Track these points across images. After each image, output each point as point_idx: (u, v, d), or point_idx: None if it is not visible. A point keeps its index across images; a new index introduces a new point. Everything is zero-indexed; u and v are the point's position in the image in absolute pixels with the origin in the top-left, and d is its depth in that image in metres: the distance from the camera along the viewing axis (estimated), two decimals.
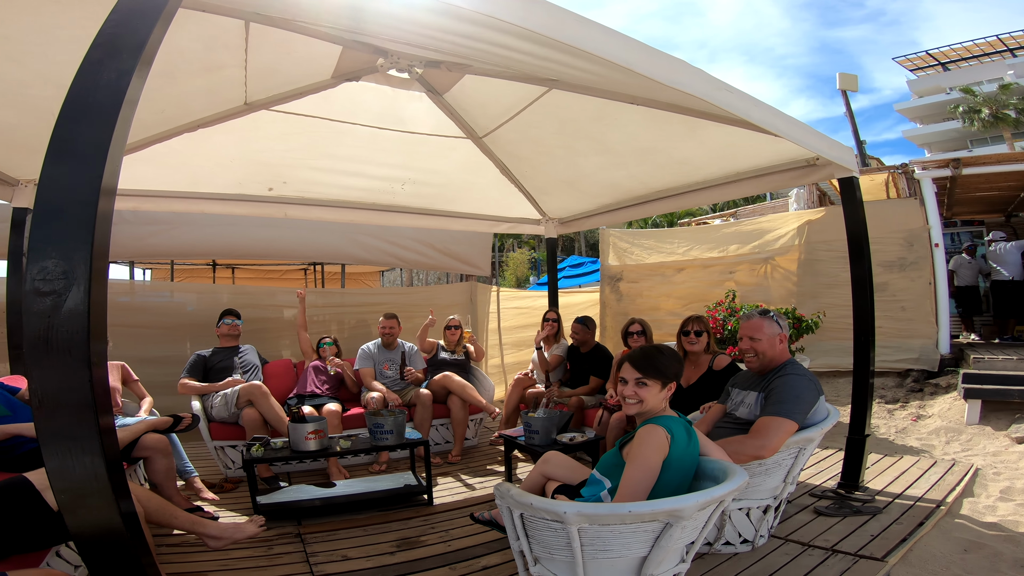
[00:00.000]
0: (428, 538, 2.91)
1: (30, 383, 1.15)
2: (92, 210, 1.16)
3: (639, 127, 3.51)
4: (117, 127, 1.19)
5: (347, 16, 2.35)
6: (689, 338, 3.43)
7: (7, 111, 2.80)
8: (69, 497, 1.18)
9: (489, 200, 5.19)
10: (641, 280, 7.10)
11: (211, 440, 3.77)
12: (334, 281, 10.14)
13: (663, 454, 1.87)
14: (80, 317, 1.13)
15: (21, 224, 3.68)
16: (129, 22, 1.25)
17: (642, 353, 2.06)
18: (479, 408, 4.38)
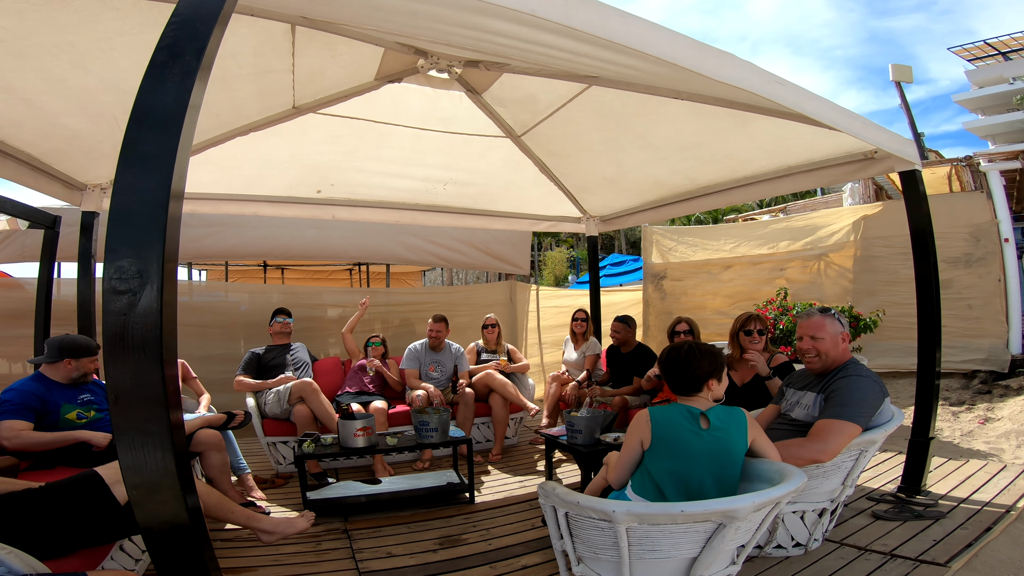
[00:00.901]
0: (469, 536, 2.93)
1: (107, 379, 1.19)
2: (163, 212, 1.19)
3: (684, 122, 3.43)
4: (183, 131, 1.22)
5: (388, 17, 2.38)
6: (752, 338, 3.34)
7: (75, 117, 2.91)
8: (141, 492, 1.21)
9: (529, 199, 5.18)
10: (686, 278, 6.94)
11: (264, 436, 3.88)
12: (378, 281, 10.36)
13: (639, 434, 1.97)
14: (153, 315, 1.16)
15: (89, 227, 3.89)
16: (189, 25, 1.28)
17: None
18: (519, 407, 4.38)
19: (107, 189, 3.84)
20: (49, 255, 3.99)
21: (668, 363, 2.07)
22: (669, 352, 2.09)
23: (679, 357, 2.04)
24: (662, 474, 1.91)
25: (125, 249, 1.17)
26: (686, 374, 2.01)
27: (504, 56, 2.81)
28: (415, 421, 3.43)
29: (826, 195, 12.08)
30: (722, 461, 1.92)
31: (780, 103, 2.41)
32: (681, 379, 2.03)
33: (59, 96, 2.69)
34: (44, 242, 3.98)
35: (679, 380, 2.04)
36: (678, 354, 2.05)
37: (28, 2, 2.00)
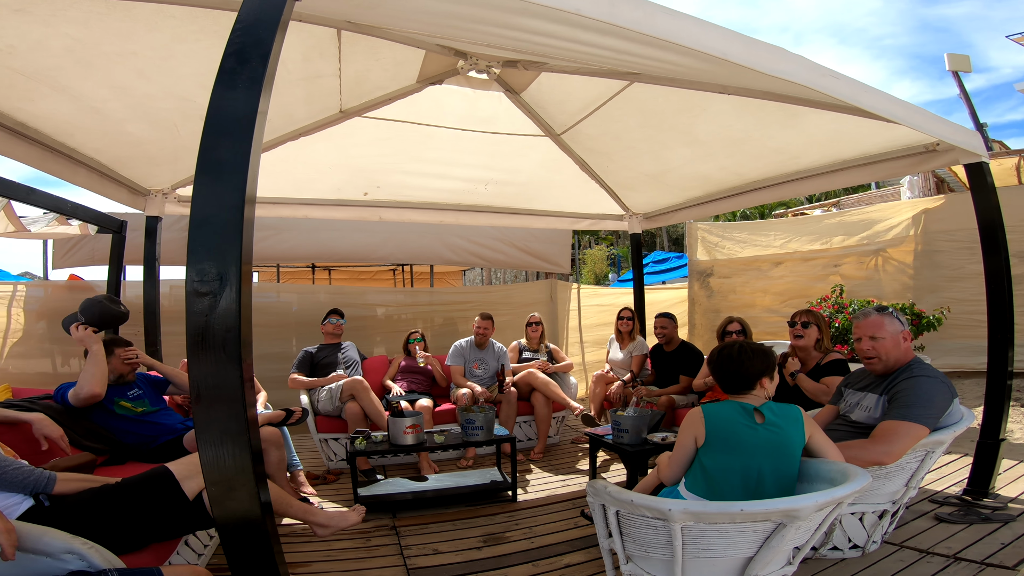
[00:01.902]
0: (512, 534, 2.95)
1: (190, 378, 1.23)
2: (240, 216, 1.23)
3: (730, 116, 3.34)
4: (255, 137, 1.26)
5: (430, 19, 2.40)
6: (795, 330, 3.25)
7: (138, 124, 3.04)
8: (220, 489, 1.25)
9: (570, 197, 5.15)
10: (734, 275, 6.75)
11: (317, 433, 3.99)
12: (421, 280, 10.54)
13: (692, 431, 1.96)
14: (232, 316, 1.21)
15: (153, 232, 4.11)
16: (253, 31, 1.32)
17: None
18: (562, 406, 4.37)
19: (168, 194, 4.04)
20: (117, 258, 4.24)
21: (719, 362, 2.05)
22: (720, 351, 2.07)
23: (730, 356, 2.02)
24: (718, 469, 1.90)
25: (205, 252, 1.22)
26: (738, 373, 1.99)
27: (543, 55, 2.81)
28: (461, 419, 3.47)
29: (881, 188, 11.55)
30: (779, 454, 1.90)
31: (835, 96, 2.33)
32: (733, 378, 2.01)
33: (123, 103, 2.80)
34: (112, 246, 4.23)
35: (730, 379, 2.02)
36: (729, 353, 2.03)
37: (93, 11, 2.08)
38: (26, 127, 2.77)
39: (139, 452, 2.80)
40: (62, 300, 5.17)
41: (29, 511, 1.79)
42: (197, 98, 2.82)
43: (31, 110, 2.68)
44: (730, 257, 6.81)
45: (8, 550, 1.39)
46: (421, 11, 2.14)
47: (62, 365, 5.13)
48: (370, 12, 2.30)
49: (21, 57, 2.25)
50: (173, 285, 5.13)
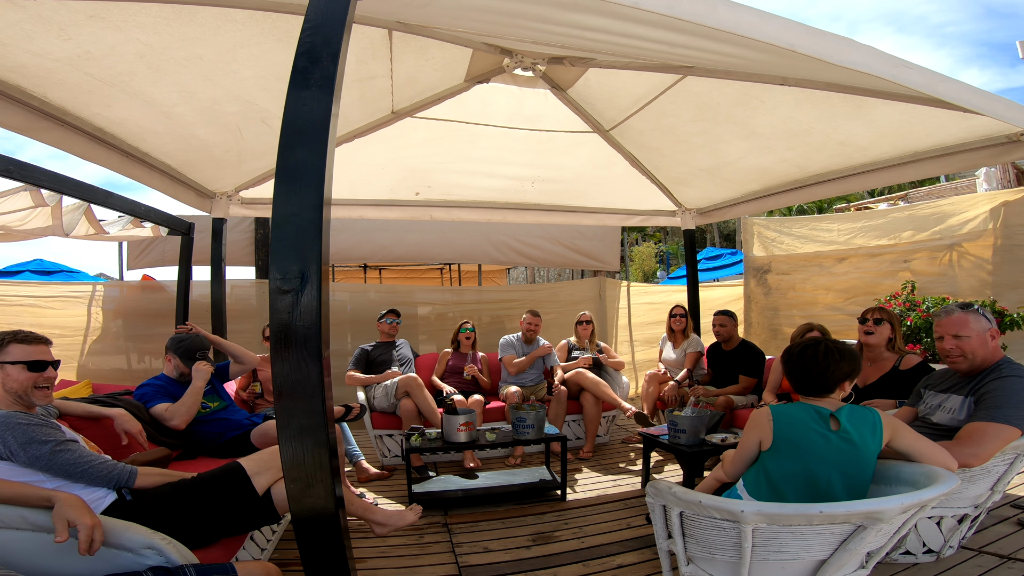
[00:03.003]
0: (562, 533, 2.93)
1: (273, 375, 1.25)
2: (319, 215, 1.26)
3: (791, 108, 3.20)
4: (330, 137, 1.29)
5: (480, 17, 2.40)
6: (867, 326, 3.08)
7: (205, 128, 3.15)
8: (299, 485, 1.28)
9: (619, 193, 5.06)
10: (793, 272, 6.46)
11: (372, 429, 4.07)
12: (468, 279, 10.64)
13: (758, 433, 1.89)
14: (313, 313, 1.23)
15: (219, 233, 4.31)
16: (322, 31, 1.34)
17: None
18: (612, 405, 4.30)
19: (232, 196, 4.23)
20: (186, 259, 4.47)
21: (799, 362, 1.92)
22: (803, 351, 1.94)
23: (815, 358, 1.89)
24: (784, 475, 1.81)
25: (288, 252, 1.24)
26: (821, 376, 1.87)
27: (591, 51, 2.76)
28: (512, 417, 3.47)
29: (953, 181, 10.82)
30: (852, 463, 1.79)
31: (910, 87, 2.18)
32: (813, 380, 1.89)
33: (191, 108, 2.89)
34: (181, 247, 4.46)
35: (810, 381, 1.90)
36: (814, 354, 1.89)
37: (162, 16, 2.12)
38: (104, 132, 2.90)
39: (209, 447, 2.93)
40: (136, 299, 5.52)
41: (112, 505, 1.84)
42: (259, 101, 2.91)
43: (108, 115, 2.79)
44: (789, 253, 6.53)
45: (95, 545, 1.44)
46: (470, 8, 2.13)
47: (137, 362, 5.48)
48: (420, 11, 2.31)
49: (97, 63, 2.34)
50: (234, 285, 5.37)
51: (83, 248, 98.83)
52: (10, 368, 1.82)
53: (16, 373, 1.82)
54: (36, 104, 2.49)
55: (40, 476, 1.74)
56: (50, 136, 2.62)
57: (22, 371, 1.83)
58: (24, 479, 1.70)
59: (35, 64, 2.24)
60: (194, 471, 2.13)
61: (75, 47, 2.18)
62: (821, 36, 1.98)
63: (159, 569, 1.49)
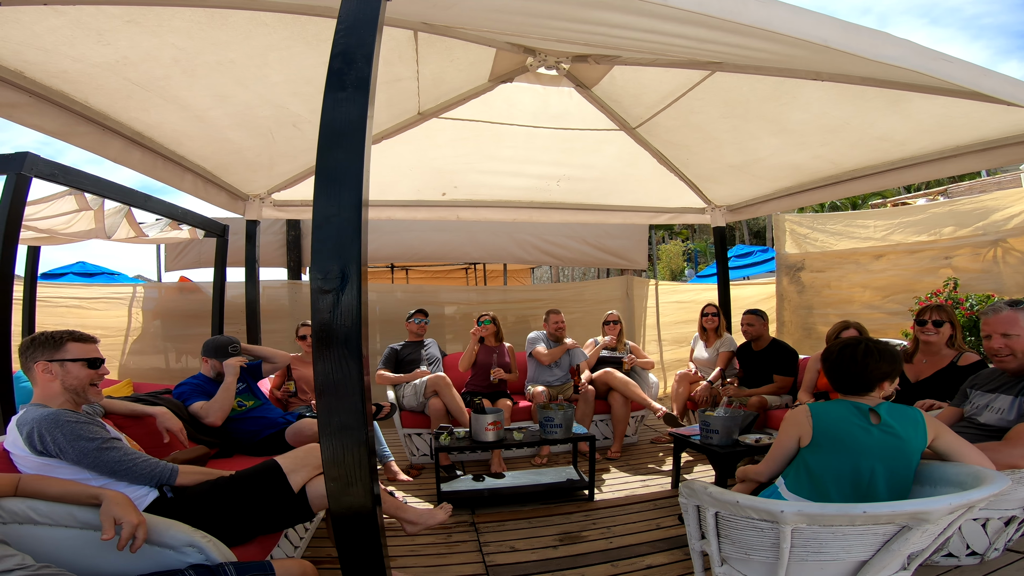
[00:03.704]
0: (589, 533, 2.92)
1: (315, 374, 1.27)
2: (358, 215, 1.27)
3: (825, 104, 3.13)
4: (367, 137, 1.30)
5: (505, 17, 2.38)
6: (925, 328, 3.00)
7: (238, 131, 3.19)
8: (339, 484, 1.29)
9: (647, 191, 5.00)
10: (828, 269, 6.29)
11: (402, 428, 4.11)
12: (493, 279, 10.67)
13: (797, 430, 1.88)
14: (353, 313, 1.25)
15: (253, 235, 4.41)
16: (355, 31, 1.35)
17: None
18: (641, 405, 4.26)
19: (265, 199, 4.32)
20: (221, 261, 4.59)
21: (839, 360, 1.91)
22: (842, 349, 1.93)
23: (854, 357, 1.87)
24: (826, 470, 1.79)
25: (329, 252, 1.26)
26: (860, 375, 1.86)
27: (616, 48, 2.73)
28: (540, 416, 3.46)
29: (996, 175, 10.38)
30: (895, 456, 1.76)
31: (951, 81, 2.11)
32: (852, 378, 1.88)
33: (224, 111, 2.93)
34: (217, 249, 4.58)
35: (850, 379, 1.89)
36: (853, 353, 1.88)
37: (195, 21, 2.14)
38: (141, 136, 2.98)
39: (245, 445, 3.00)
40: (174, 300, 5.69)
41: (154, 503, 1.87)
42: (289, 105, 2.96)
43: (145, 119, 2.86)
44: (823, 250, 6.36)
45: (137, 543, 1.48)
46: (494, 8, 2.13)
47: (175, 361, 5.65)
48: (445, 12, 2.31)
49: (135, 68, 2.39)
50: (266, 286, 5.49)
51: (122, 251, 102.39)
52: (70, 366, 1.86)
53: (76, 370, 1.87)
54: (78, 109, 2.56)
55: (86, 474, 1.79)
56: (89, 140, 2.69)
57: (82, 368, 1.88)
58: (71, 476, 1.75)
59: (76, 69, 2.30)
60: (231, 469, 2.16)
61: (114, 52, 2.23)
62: (856, 31, 1.93)
63: (200, 567, 1.51)
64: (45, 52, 2.15)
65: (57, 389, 1.85)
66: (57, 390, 1.85)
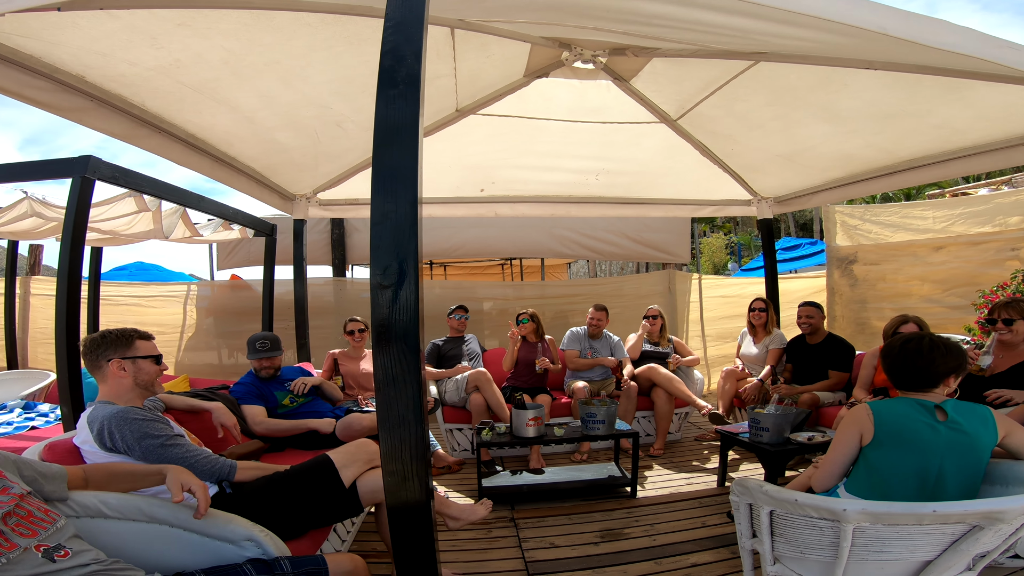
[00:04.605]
0: (632, 531, 2.89)
1: (375, 368, 1.29)
2: (415, 212, 1.29)
3: (878, 92, 2.99)
4: (419, 137, 1.31)
5: (541, 12, 2.36)
6: (996, 327, 2.88)
7: (284, 132, 3.26)
8: (396, 479, 1.30)
9: (690, 183, 4.89)
10: (883, 262, 6.00)
11: (444, 423, 4.15)
12: (530, 274, 10.65)
13: (857, 428, 1.80)
14: (412, 308, 1.27)
15: (300, 234, 4.53)
16: (404, 29, 1.36)
17: None
18: (685, 402, 4.17)
19: (311, 199, 4.43)
20: (270, 259, 4.75)
21: (902, 356, 1.83)
22: (905, 343, 1.85)
23: (919, 351, 1.80)
24: (889, 470, 1.72)
25: (386, 249, 1.28)
26: (926, 370, 1.78)
27: (655, 39, 2.67)
28: (581, 412, 3.43)
29: None
30: (964, 454, 1.68)
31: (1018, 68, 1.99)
32: (916, 374, 1.80)
33: (272, 112, 2.99)
34: (266, 248, 4.74)
35: (913, 375, 1.81)
36: (918, 347, 1.81)
37: (242, 23, 2.16)
38: (195, 138, 3.07)
39: (295, 439, 3.08)
40: (226, 298, 5.93)
41: (213, 498, 1.88)
42: (333, 104, 3.01)
43: (198, 121, 2.94)
44: (877, 242, 6.07)
45: (203, 506, 1.54)
46: (529, 2, 2.11)
47: (227, 357, 5.88)
48: (480, 7, 2.30)
49: (187, 70, 2.45)
50: (312, 283, 5.64)
51: (175, 250, 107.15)
52: (141, 363, 1.95)
53: (147, 367, 1.96)
54: (136, 112, 2.65)
55: None
56: (150, 143, 2.79)
57: (152, 365, 1.97)
58: None
59: (133, 73, 2.37)
60: (283, 463, 2.20)
61: (167, 55, 2.30)
62: (915, 19, 1.84)
63: (256, 561, 1.54)
64: (103, 56, 2.21)
65: (128, 385, 1.93)
66: (128, 386, 1.93)
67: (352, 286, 6.09)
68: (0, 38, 1.96)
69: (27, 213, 3.99)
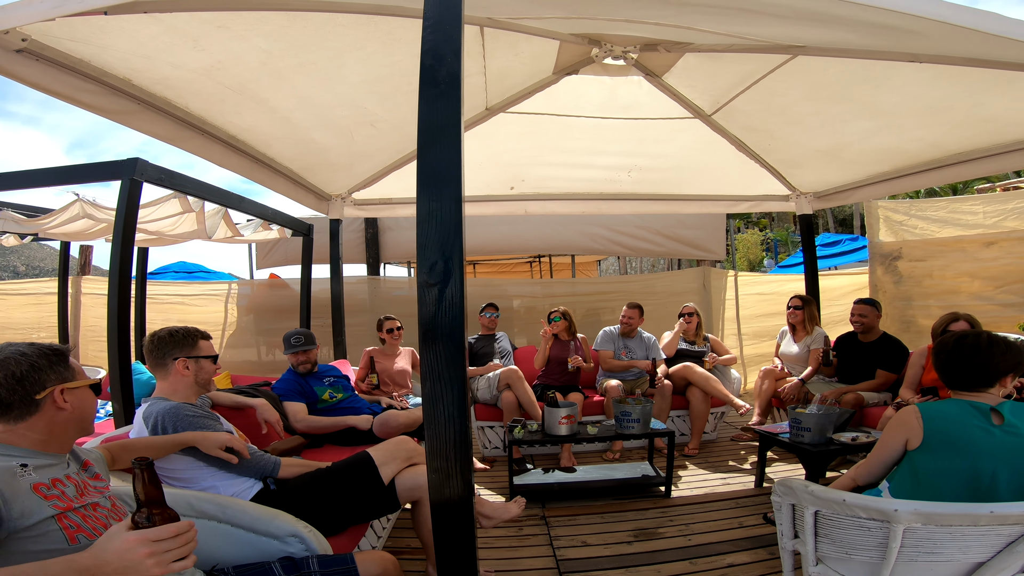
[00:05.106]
0: (666, 530, 2.86)
1: (422, 366, 1.30)
2: (459, 211, 1.31)
3: (923, 85, 2.88)
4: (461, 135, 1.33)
5: (567, 7, 2.34)
6: None
7: (320, 132, 3.29)
8: (441, 476, 1.31)
9: (725, 179, 4.79)
10: (930, 258, 5.76)
11: (476, 421, 4.17)
12: (559, 271, 10.59)
13: (904, 432, 1.74)
14: (457, 305, 1.28)
15: (336, 234, 4.60)
16: (442, 28, 1.38)
17: None
18: (722, 401, 4.10)
19: (346, 198, 4.50)
20: (307, 258, 4.85)
21: (958, 352, 1.75)
22: (959, 340, 1.77)
23: (976, 347, 1.72)
24: (938, 474, 1.66)
25: (433, 247, 1.30)
26: (983, 367, 1.70)
27: (687, 36, 2.62)
28: (616, 411, 3.40)
29: None
30: (1021, 459, 1.60)
31: None
32: (972, 372, 1.72)
33: (308, 113, 3.02)
34: (303, 247, 4.85)
35: (969, 373, 1.73)
36: (975, 343, 1.73)
37: (278, 24, 2.18)
38: (236, 139, 3.12)
39: (334, 436, 3.13)
40: (265, 296, 6.09)
41: (258, 494, 1.93)
42: (366, 104, 3.04)
43: (239, 123, 2.99)
44: (923, 238, 5.83)
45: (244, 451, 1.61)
46: None
47: (266, 355, 6.04)
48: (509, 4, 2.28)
49: (227, 72, 2.49)
50: (346, 281, 5.75)
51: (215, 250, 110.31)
52: (203, 362, 2.01)
53: (208, 366, 2.03)
54: (180, 114, 2.70)
55: (199, 463, 1.89)
56: (192, 145, 2.83)
57: (211, 364, 2.04)
58: (185, 467, 1.87)
59: (176, 76, 2.43)
60: (322, 459, 2.24)
61: (208, 57, 2.34)
62: (964, 12, 1.76)
63: (285, 560, 1.56)
64: (148, 59, 2.27)
65: (188, 383, 1.99)
66: (188, 384, 1.99)
67: (385, 284, 6.18)
68: (52, 43, 2.02)
69: (79, 215, 4.15)
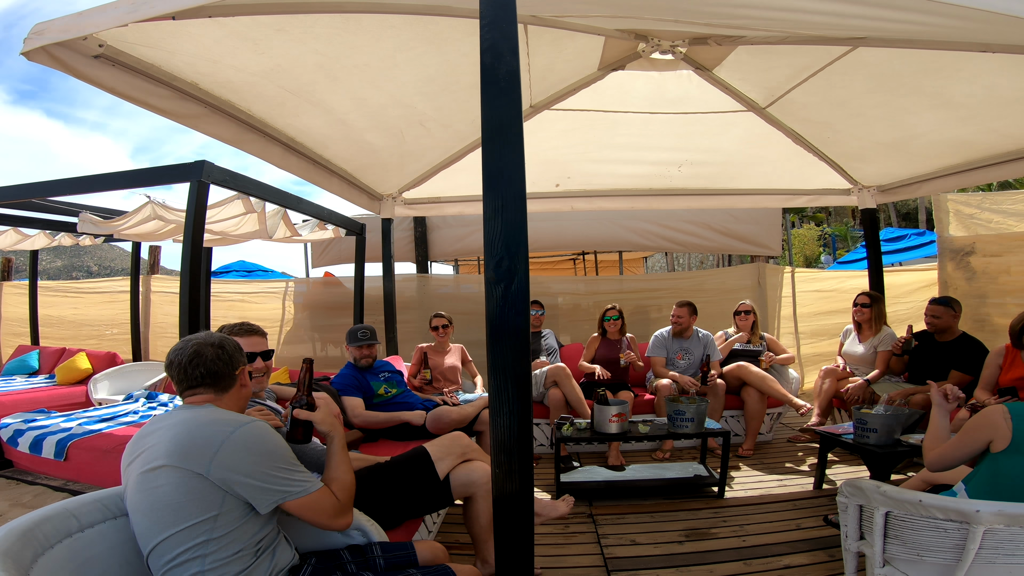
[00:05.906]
0: (719, 531, 2.80)
1: (489, 361, 1.33)
2: (523, 210, 1.34)
3: (996, 76, 2.73)
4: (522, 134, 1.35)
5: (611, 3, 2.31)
6: None
7: (374, 133, 3.34)
8: (504, 470, 1.34)
9: (781, 173, 4.62)
10: (1007, 253, 5.37)
11: None
12: (605, 269, 10.46)
13: (990, 432, 1.68)
14: (522, 301, 1.31)
15: (388, 233, 4.71)
16: (498, 26, 1.39)
17: None
18: (778, 402, 3.97)
19: (396, 198, 4.61)
20: (360, 257, 5.00)
21: None
22: None
23: None
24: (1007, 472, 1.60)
25: (498, 245, 1.33)
26: None
27: (741, 28, 2.54)
28: (669, 410, 3.34)
29: None
30: None
31: None
32: None
33: (362, 114, 3.08)
34: (356, 246, 5.00)
35: None
36: None
37: (333, 27, 2.22)
38: (294, 141, 3.22)
39: (388, 430, 3.21)
40: (320, 294, 6.31)
41: None
42: (416, 104, 3.08)
43: (297, 125, 3.08)
44: (999, 232, 5.44)
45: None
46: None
47: (320, 350, 6.26)
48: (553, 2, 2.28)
49: (286, 75, 2.57)
50: (396, 279, 5.89)
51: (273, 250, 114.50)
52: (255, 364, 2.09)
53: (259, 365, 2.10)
54: (243, 117, 2.80)
55: None
56: (254, 147, 2.92)
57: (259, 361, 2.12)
58: None
59: (239, 79, 2.52)
60: (377, 453, 2.28)
61: (268, 60, 2.42)
62: None
63: (353, 548, 1.62)
64: (213, 64, 2.36)
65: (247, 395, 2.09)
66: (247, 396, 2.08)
67: (434, 282, 6.30)
68: (126, 48, 2.12)
69: (150, 216, 4.40)
